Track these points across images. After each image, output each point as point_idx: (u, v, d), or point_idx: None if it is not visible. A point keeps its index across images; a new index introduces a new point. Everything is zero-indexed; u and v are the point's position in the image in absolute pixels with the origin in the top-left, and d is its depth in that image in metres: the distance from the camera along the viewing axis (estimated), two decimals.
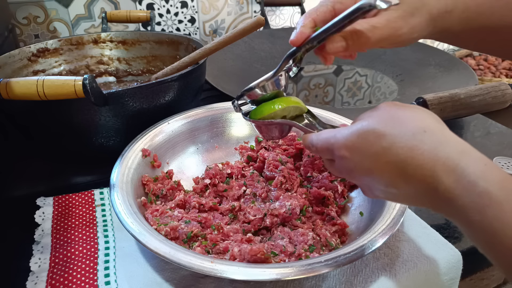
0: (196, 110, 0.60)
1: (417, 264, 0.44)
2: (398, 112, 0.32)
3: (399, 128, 0.30)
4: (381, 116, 0.32)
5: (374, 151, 0.31)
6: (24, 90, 0.48)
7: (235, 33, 0.59)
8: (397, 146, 0.30)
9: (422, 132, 0.29)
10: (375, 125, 0.31)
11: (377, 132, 0.31)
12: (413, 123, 0.30)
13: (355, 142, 0.32)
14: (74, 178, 0.61)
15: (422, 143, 0.29)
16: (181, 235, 0.44)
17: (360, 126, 0.32)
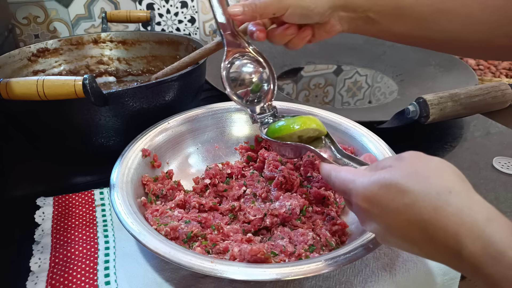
0: (196, 110, 0.60)
1: (417, 264, 0.44)
2: (423, 166, 0.30)
3: (424, 186, 0.29)
4: (404, 169, 0.30)
5: (395, 207, 0.29)
6: (24, 90, 0.48)
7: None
8: (420, 205, 0.28)
9: (447, 192, 0.28)
10: (398, 179, 0.30)
11: (399, 187, 0.29)
12: (438, 181, 0.29)
13: (375, 194, 0.31)
14: (74, 178, 0.61)
15: (447, 205, 0.27)
16: (181, 235, 0.44)
17: (382, 178, 0.31)
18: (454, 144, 0.70)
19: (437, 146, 0.69)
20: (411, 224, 0.29)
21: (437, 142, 0.70)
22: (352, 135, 0.55)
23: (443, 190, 0.28)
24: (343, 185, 0.35)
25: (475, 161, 0.64)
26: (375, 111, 0.81)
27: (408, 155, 0.32)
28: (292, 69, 1.01)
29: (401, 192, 0.29)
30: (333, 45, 1.10)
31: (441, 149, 0.68)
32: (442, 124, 0.74)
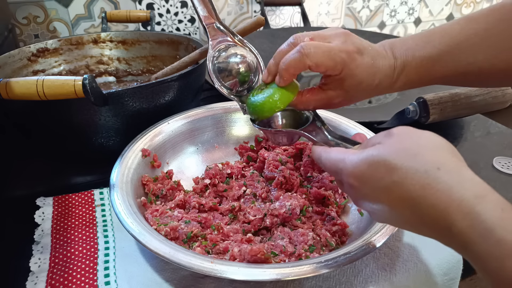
0: (196, 110, 0.60)
1: (417, 264, 0.44)
2: (412, 142, 0.30)
3: (412, 163, 0.28)
4: (393, 145, 0.30)
5: (384, 185, 0.29)
6: (24, 90, 0.48)
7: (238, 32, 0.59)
8: (409, 182, 0.28)
9: (435, 169, 0.28)
10: (386, 155, 0.30)
11: (388, 164, 0.29)
12: (427, 157, 0.28)
13: (364, 172, 0.31)
14: (74, 178, 0.61)
15: (435, 182, 0.27)
16: (181, 235, 0.44)
17: (371, 155, 0.31)
18: (454, 144, 0.69)
19: None
20: (401, 201, 0.29)
21: None
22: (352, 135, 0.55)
23: (431, 166, 0.28)
24: (334, 166, 0.35)
25: (475, 161, 0.64)
26: (375, 111, 0.81)
27: (397, 130, 0.32)
28: None
29: (389, 169, 0.29)
30: None
31: None
32: (442, 124, 0.74)
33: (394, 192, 0.29)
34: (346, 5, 1.31)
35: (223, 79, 0.49)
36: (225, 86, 0.49)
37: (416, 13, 1.43)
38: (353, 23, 1.35)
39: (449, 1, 1.46)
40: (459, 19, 0.44)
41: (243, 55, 0.49)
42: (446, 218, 0.27)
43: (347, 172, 0.32)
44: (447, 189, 0.27)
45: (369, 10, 1.35)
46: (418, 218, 0.29)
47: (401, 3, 1.38)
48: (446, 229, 0.27)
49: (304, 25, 1.16)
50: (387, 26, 1.41)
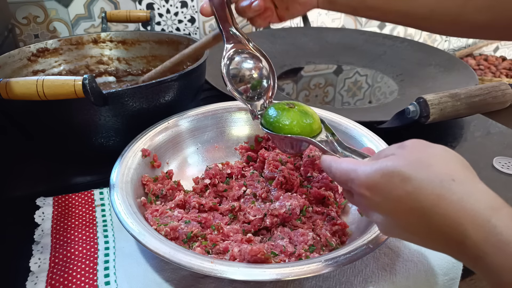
0: (196, 110, 0.60)
1: (417, 264, 0.44)
2: (426, 154, 0.30)
3: (426, 173, 0.28)
4: (407, 157, 0.30)
5: (397, 194, 0.29)
6: (23, 90, 0.48)
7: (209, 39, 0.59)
8: (423, 192, 0.28)
9: (450, 180, 0.28)
10: (401, 166, 0.29)
11: (402, 175, 0.29)
12: (441, 169, 0.29)
13: (377, 182, 0.31)
14: (74, 178, 0.61)
15: (450, 193, 0.27)
16: (181, 235, 0.44)
17: (385, 166, 0.30)
18: (454, 144, 0.70)
19: None
20: (413, 212, 0.29)
21: (437, 142, 0.70)
22: (352, 135, 0.55)
23: (446, 178, 0.28)
24: (345, 175, 0.34)
25: (475, 161, 0.64)
26: (375, 111, 0.81)
27: (410, 143, 0.32)
28: (292, 69, 1.00)
29: (404, 180, 0.29)
30: (333, 45, 1.10)
31: None
32: (442, 124, 0.74)
33: (407, 202, 0.29)
34: None
35: (236, 83, 0.49)
36: (237, 90, 0.49)
37: None
38: (353, 23, 1.35)
39: None
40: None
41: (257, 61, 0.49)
42: (459, 230, 0.26)
43: (359, 182, 0.32)
44: (461, 200, 0.27)
45: None
46: (428, 230, 0.28)
47: None
48: (457, 241, 0.27)
49: (304, 25, 1.16)
50: (387, 26, 1.41)
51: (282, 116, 0.45)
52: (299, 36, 1.11)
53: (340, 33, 1.15)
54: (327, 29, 1.18)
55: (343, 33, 1.15)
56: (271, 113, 0.46)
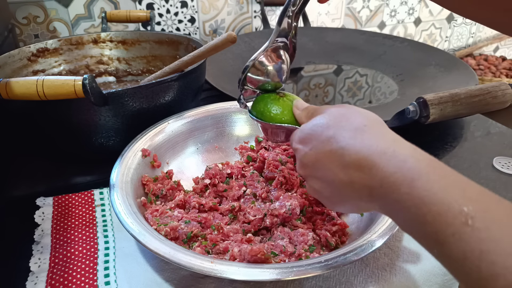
0: (196, 110, 0.60)
1: (417, 264, 0.44)
2: (346, 112, 0.37)
3: (345, 123, 0.35)
4: (332, 113, 0.37)
5: (321, 139, 0.36)
6: (24, 90, 0.48)
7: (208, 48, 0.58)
8: (341, 135, 0.34)
9: (362, 126, 0.34)
10: (326, 120, 0.37)
11: (326, 125, 0.36)
12: (357, 120, 0.35)
13: (307, 133, 0.38)
14: (74, 178, 0.61)
15: (361, 134, 0.33)
16: (181, 235, 0.44)
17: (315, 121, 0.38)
18: (454, 144, 0.70)
19: (437, 146, 0.69)
20: (332, 153, 0.34)
21: (437, 142, 0.70)
22: None
23: (359, 125, 0.34)
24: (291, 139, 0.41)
25: (475, 161, 0.64)
26: (375, 111, 0.80)
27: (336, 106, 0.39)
28: (292, 69, 1.00)
29: (327, 127, 0.36)
30: (333, 45, 1.10)
31: (441, 149, 0.68)
32: (442, 124, 0.74)
33: (327, 145, 0.35)
34: (346, 5, 1.31)
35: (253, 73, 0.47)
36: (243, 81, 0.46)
37: (416, 13, 1.43)
38: (353, 23, 1.35)
39: None
40: None
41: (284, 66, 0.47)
42: (367, 160, 0.31)
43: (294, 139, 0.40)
44: (369, 138, 0.33)
45: (369, 10, 1.35)
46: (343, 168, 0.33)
47: (401, 3, 1.38)
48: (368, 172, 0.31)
49: (304, 25, 1.16)
50: (387, 26, 1.41)
51: (272, 105, 0.45)
52: (299, 36, 1.11)
53: (340, 33, 1.15)
54: (327, 29, 1.18)
55: (343, 33, 1.15)
56: (261, 102, 0.46)
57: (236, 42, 0.55)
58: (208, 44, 0.58)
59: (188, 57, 0.60)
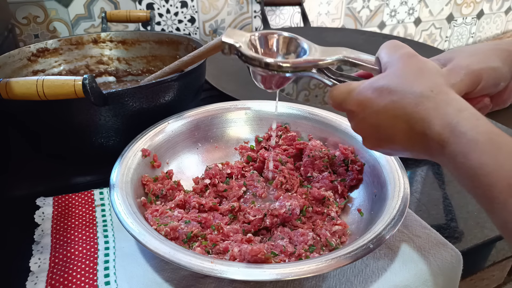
0: (196, 110, 0.60)
1: (417, 264, 0.44)
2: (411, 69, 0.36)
3: (410, 86, 0.34)
4: (396, 73, 0.36)
5: (385, 104, 0.35)
6: (23, 90, 0.48)
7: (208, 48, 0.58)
8: (406, 101, 0.34)
9: (429, 91, 0.33)
10: (389, 82, 0.35)
11: (389, 88, 0.35)
12: (423, 82, 0.34)
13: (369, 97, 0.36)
14: (74, 178, 0.61)
15: (427, 100, 0.33)
16: (181, 235, 0.44)
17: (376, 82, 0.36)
18: None
19: None
20: (397, 118, 0.34)
21: None
22: (352, 135, 0.55)
23: (426, 89, 0.34)
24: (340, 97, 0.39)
25: None
26: None
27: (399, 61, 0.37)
28: None
29: (391, 92, 0.35)
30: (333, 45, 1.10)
31: None
32: None
33: (393, 109, 0.34)
34: (346, 5, 1.31)
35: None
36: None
37: (416, 13, 1.43)
38: (353, 23, 1.35)
39: (449, 1, 1.46)
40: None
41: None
42: (432, 129, 0.32)
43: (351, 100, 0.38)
44: (435, 105, 0.33)
45: (369, 10, 1.35)
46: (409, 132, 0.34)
47: (401, 3, 1.38)
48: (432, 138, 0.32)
49: (304, 25, 1.16)
50: (387, 26, 1.41)
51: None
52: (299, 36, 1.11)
53: (340, 33, 1.15)
54: (327, 29, 1.18)
55: (343, 33, 1.15)
56: None
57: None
58: (208, 44, 0.58)
59: (188, 57, 0.60)
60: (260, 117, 0.61)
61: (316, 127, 0.59)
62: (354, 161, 0.53)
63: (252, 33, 0.45)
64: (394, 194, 0.44)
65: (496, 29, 1.63)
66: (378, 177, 0.48)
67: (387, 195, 0.45)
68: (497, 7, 1.57)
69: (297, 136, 0.59)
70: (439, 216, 0.53)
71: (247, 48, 0.43)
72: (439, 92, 0.33)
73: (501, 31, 1.64)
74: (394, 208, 0.42)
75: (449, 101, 0.33)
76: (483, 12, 1.55)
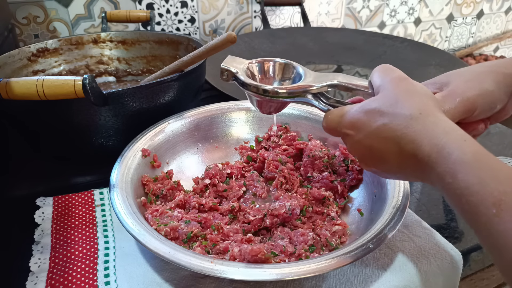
0: (196, 110, 0.60)
1: (417, 264, 0.44)
2: (401, 92, 0.36)
3: (400, 109, 0.35)
4: (386, 96, 0.37)
5: (376, 126, 0.36)
6: (23, 90, 0.48)
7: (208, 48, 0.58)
8: (396, 123, 0.35)
9: (418, 114, 0.34)
10: (380, 105, 0.36)
11: (380, 111, 0.36)
12: (412, 105, 0.35)
13: (360, 119, 0.37)
14: (74, 178, 0.61)
15: (416, 122, 0.34)
16: (181, 235, 0.44)
17: (367, 105, 0.37)
18: None
19: None
20: (388, 140, 0.35)
21: None
22: None
23: (415, 112, 0.34)
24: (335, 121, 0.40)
25: None
26: None
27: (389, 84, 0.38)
28: None
29: (382, 114, 0.36)
30: (333, 45, 1.10)
31: None
32: None
33: (384, 132, 0.35)
34: (346, 5, 1.31)
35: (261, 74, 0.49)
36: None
37: (416, 13, 1.43)
38: (353, 23, 1.35)
39: (449, 1, 1.46)
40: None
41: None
42: (420, 150, 0.33)
43: (345, 123, 0.39)
44: (424, 128, 0.33)
45: (369, 10, 1.35)
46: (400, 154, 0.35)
47: (401, 3, 1.38)
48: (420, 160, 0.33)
49: (304, 25, 1.16)
50: (387, 26, 1.41)
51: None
52: (299, 36, 1.11)
53: (340, 33, 1.15)
54: (327, 29, 1.18)
55: (343, 33, 1.15)
56: None
57: (236, 42, 0.55)
58: (208, 44, 0.58)
59: (188, 57, 0.60)
60: (260, 117, 0.61)
61: (316, 127, 0.59)
62: (354, 161, 0.53)
63: (250, 61, 0.48)
64: (394, 194, 0.44)
65: (496, 29, 1.63)
66: (378, 177, 0.48)
67: (387, 195, 0.45)
68: (497, 7, 1.57)
69: (297, 136, 0.59)
70: (439, 216, 0.53)
71: (245, 74, 0.46)
72: (428, 114, 0.34)
73: (501, 31, 1.64)
74: (394, 208, 0.42)
75: (437, 123, 0.34)
76: (483, 12, 1.55)
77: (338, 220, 0.47)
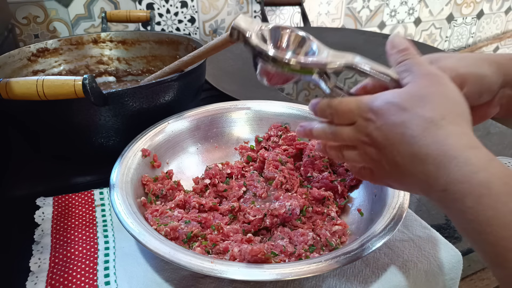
0: (196, 110, 0.60)
1: (417, 264, 0.44)
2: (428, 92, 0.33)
3: (422, 109, 0.32)
4: (411, 92, 0.33)
5: (393, 120, 0.33)
6: (23, 90, 0.48)
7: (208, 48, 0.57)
8: (415, 123, 0.31)
9: (440, 119, 0.31)
10: (403, 99, 0.33)
11: (402, 106, 0.33)
12: (436, 108, 0.32)
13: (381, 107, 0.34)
14: (74, 178, 0.61)
15: (436, 128, 0.31)
16: (181, 235, 0.44)
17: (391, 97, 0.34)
18: None
19: None
20: (403, 137, 0.32)
21: None
22: None
23: (437, 116, 0.31)
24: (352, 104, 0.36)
25: None
26: None
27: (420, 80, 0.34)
28: None
29: (402, 109, 0.32)
30: (333, 45, 1.10)
31: None
32: None
33: (399, 128, 0.32)
34: (346, 5, 1.31)
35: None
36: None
37: (416, 13, 1.43)
38: (353, 23, 1.35)
39: (449, 1, 1.46)
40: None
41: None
42: (436, 159, 0.30)
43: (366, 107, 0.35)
44: (445, 135, 0.30)
45: (369, 10, 1.35)
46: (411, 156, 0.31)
47: (401, 3, 1.38)
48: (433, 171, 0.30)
49: (304, 25, 1.16)
50: (387, 26, 1.41)
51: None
52: None
53: (340, 33, 1.15)
54: (327, 29, 1.18)
55: (343, 33, 1.15)
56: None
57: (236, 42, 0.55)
58: (208, 44, 0.58)
59: (188, 57, 0.60)
60: (260, 117, 0.61)
61: None
62: None
63: (265, 24, 0.43)
64: (394, 194, 0.44)
65: (496, 29, 1.63)
66: None
67: (387, 195, 0.45)
68: (497, 7, 1.57)
69: (297, 136, 0.59)
70: (439, 216, 0.53)
71: (257, 38, 0.41)
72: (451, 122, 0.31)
73: (501, 31, 1.64)
74: (394, 208, 0.42)
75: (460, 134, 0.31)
76: (483, 12, 1.55)
77: (338, 220, 0.47)
